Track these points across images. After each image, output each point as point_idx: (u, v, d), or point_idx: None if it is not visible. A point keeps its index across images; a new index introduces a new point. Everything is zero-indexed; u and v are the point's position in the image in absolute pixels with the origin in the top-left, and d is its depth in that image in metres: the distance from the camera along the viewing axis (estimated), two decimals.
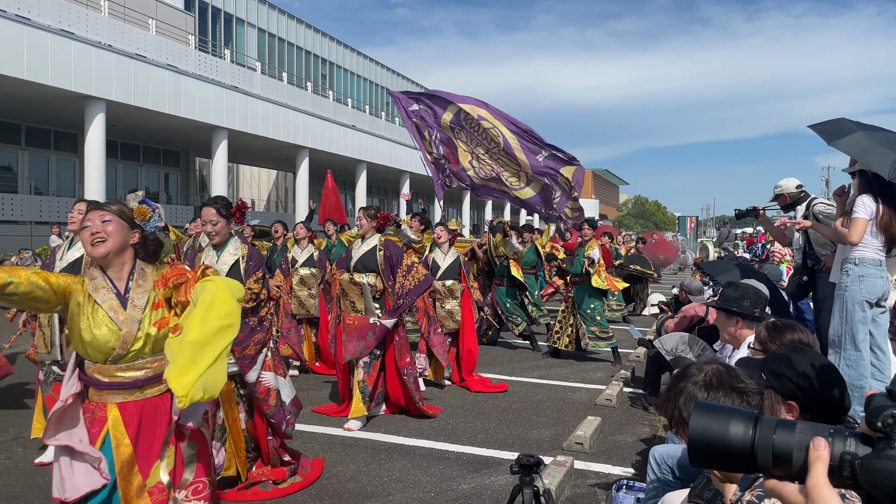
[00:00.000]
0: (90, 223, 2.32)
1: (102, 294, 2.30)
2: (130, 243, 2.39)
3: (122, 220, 2.36)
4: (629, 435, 5.12)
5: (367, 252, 5.40)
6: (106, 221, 2.32)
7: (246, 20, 31.79)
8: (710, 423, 0.94)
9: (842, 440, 0.89)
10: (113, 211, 2.35)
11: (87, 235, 2.31)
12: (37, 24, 15.93)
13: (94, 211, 2.35)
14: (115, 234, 2.32)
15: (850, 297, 4.18)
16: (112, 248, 2.32)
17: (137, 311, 2.31)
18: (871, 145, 4.03)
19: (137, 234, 2.41)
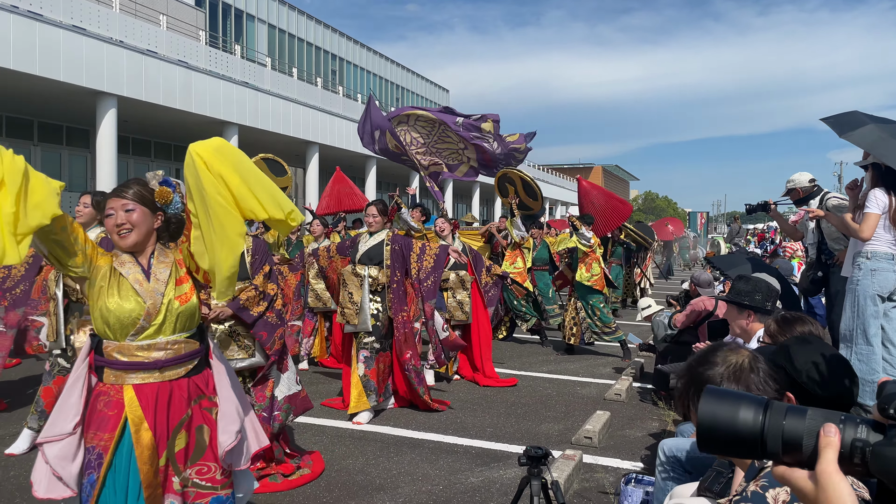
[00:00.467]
0: (113, 212, 2.28)
1: (128, 268, 2.30)
2: (154, 227, 2.36)
3: (145, 207, 2.32)
4: (638, 429, 5.11)
5: (375, 246, 5.43)
6: (129, 211, 2.28)
7: (256, 16, 31.87)
8: (720, 409, 0.93)
9: (853, 427, 0.88)
10: (134, 198, 2.30)
11: (112, 225, 2.28)
12: (49, 20, 16.01)
13: (115, 199, 2.30)
14: (141, 223, 2.30)
15: (862, 290, 4.15)
16: (139, 238, 2.30)
17: (161, 283, 2.31)
18: (884, 137, 3.99)
19: (160, 218, 2.38)
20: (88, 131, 22.04)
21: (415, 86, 45.76)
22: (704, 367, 1.64)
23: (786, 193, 5.57)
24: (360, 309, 5.30)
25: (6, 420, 5.13)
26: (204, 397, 2.38)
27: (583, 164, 70.86)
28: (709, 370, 1.62)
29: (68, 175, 22.63)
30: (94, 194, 4.60)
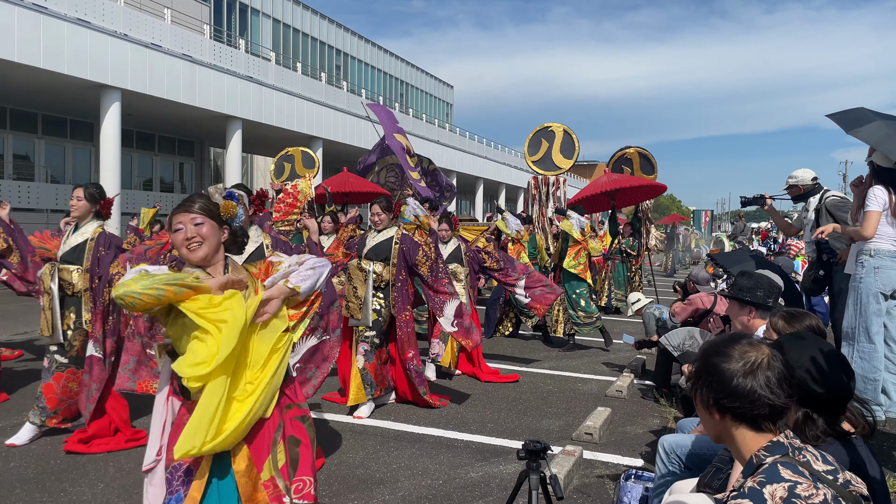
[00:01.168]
0: (182, 226, 2.24)
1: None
2: (221, 241, 2.33)
3: (213, 220, 2.28)
4: (639, 426, 5.10)
5: (382, 242, 5.44)
6: (199, 224, 2.24)
7: (261, 10, 31.83)
8: None
9: None
10: (202, 212, 2.27)
11: (181, 240, 2.23)
12: (53, 13, 16.02)
13: (182, 213, 2.26)
14: (210, 237, 2.26)
15: (865, 288, 4.13)
16: (209, 251, 2.26)
17: None
18: (891, 134, 3.98)
19: (227, 231, 2.35)
20: (92, 125, 22.08)
21: (419, 81, 45.69)
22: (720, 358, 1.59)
23: (786, 189, 5.54)
24: (363, 303, 5.33)
25: (7, 411, 5.14)
26: (293, 406, 2.33)
27: (587, 161, 70.65)
28: (724, 362, 1.57)
29: (72, 168, 22.68)
30: (87, 187, 4.55)
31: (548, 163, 10.99)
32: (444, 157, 35.48)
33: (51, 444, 4.37)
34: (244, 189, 4.11)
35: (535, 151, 11.08)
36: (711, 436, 1.66)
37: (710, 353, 1.60)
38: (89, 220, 4.53)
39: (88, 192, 4.51)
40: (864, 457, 1.97)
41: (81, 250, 4.44)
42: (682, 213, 55.00)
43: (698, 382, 1.60)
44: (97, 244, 4.42)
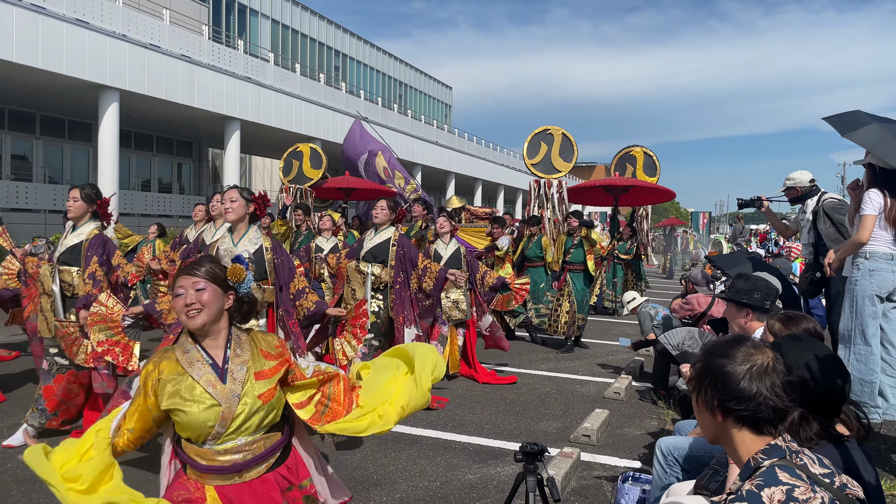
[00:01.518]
0: (183, 291, 2.14)
1: (198, 368, 2.14)
2: (225, 308, 2.22)
3: (216, 286, 2.19)
4: (637, 428, 5.10)
5: (380, 244, 5.44)
6: (200, 290, 2.15)
7: (260, 11, 31.83)
8: None
9: None
10: (206, 276, 2.17)
11: (181, 305, 2.14)
12: (52, 14, 16.00)
13: (185, 277, 2.17)
14: (211, 303, 2.15)
15: (861, 291, 4.14)
16: (208, 319, 2.16)
17: (238, 384, 2.14)
18: (886, 137, 3.98)
19: (232, 297, 2.25)
20: (90, 125, 22.04)
21: (418, 83, 45.70)
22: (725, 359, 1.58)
23: (784, 190, 5.54)
24: None
25: (4, 412, 5.13)
26: (293, 488, 2.27)
27: (586, 162, 70.68)
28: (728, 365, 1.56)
29: (70, 169, 22.65)
30: (84, 187, 4.55)
31: (547, 165, 11.01)
32: (443, 158, 35.48)
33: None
34: (246, 191, 4.11)
35: (534, 154, 11.09)
36: (709, 437, 1.65)
37: (714, 355, 1.59)
38: (86, 221, 4.53)
39: (85, 192, 4.51)
40: (858, 460, 1.97)
41: (78, 251, 4.44)
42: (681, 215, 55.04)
43: (702, 384, 1.59)
44: (89, 246, 4.43)
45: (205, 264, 2.22)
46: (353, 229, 9.87)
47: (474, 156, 40.10)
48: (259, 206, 4.07)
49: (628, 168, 11.96)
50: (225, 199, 4.03)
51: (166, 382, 2.12)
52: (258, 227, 4.15)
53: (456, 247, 6.81)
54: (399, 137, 31.58)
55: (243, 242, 3.99)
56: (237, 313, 2.29)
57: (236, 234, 4.02)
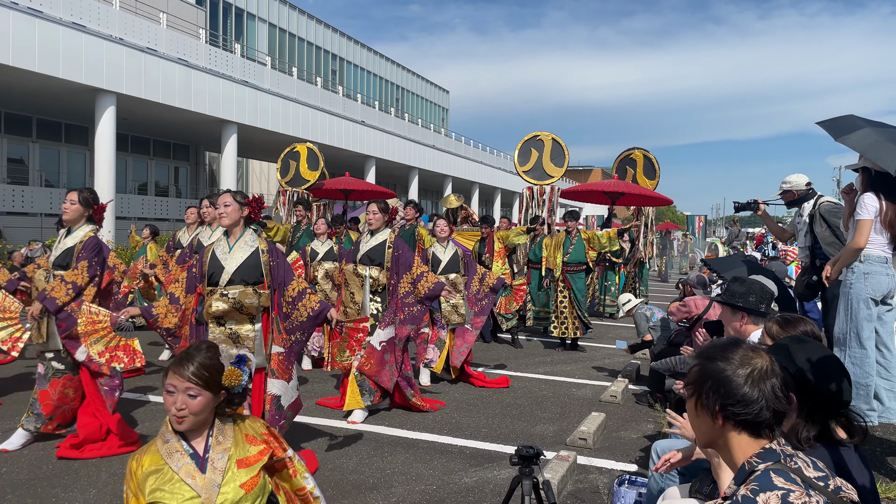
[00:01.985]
0: (174, 390, 2.11)
1: (177, 459, 2.11)
2: (214, 406, 2.19)
3: (210, 392, 2.13)
4: (633, 431, 5.10)
5: (376, 246, 5.45)
6: (192, 397, 2.10)
7: (257, 15, 31.86)
8: None
9: None
10: (199, 381, 2.10)
11: (170, 404, 2.11)
12: (48, 17, 15.99)
13: (177, 377, 2.11)
14: (201, 411, 2.12)
15: (855, 294, 4.15)
16: (194, 424, 2.13)
17: (217, 473, 2.11)
18: (879, 141, 4.00)
19: (223, 396, 2.20)
20: (87, 129, 22.04)
21: (415, 86, 45.75)
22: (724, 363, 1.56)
23: (780, 194, 5.55)
24: (361, 308, 5.34)
25: (0, 416, 5.11)
26: None
27: (582, 166, 70.81)
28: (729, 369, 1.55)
29: (66, 172, 22.62)
30: (81, 191, 4.56)
31: (539, 172, 11.02)
32: (440, 161, 35.50)
33: (43, 450, 4.35)
34: (240, 195, 4.11)
35: (525, 161, 11.09)
36: (703, 442, 1.65)
37: (713, 358, 1.58)
38: (82, 225, 4.55)
39: (82, 196, 4.53)
40: (853, 463, 1.98)
41: (72, 254, 4.45)
42: (677, 219, 55.05)
43: (702, 388, 1.58)
44: (83, 248, 4.44)
45: (196, 361, 2.13)
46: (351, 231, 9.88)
47: (471, 159, 40.14)
48: (253, 209, 4.08)
49: (629, 171, 12.01)
50: (219, 204, 4.01)
51: (147, 475, 2.08)
52: (254, 230, 4.16)
53: (454, 250, 6.82)
54: (396, 141, 31.61)
55: (239, 246, 4.00)
56: (223, 410, 2.23)
57: (232, 238, 4.03)
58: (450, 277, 6.62)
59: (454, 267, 6.71)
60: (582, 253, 8.50)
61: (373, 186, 12.41)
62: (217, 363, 2.17)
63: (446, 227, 6.84)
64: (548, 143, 10.98)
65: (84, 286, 4.37)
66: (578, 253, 8.52)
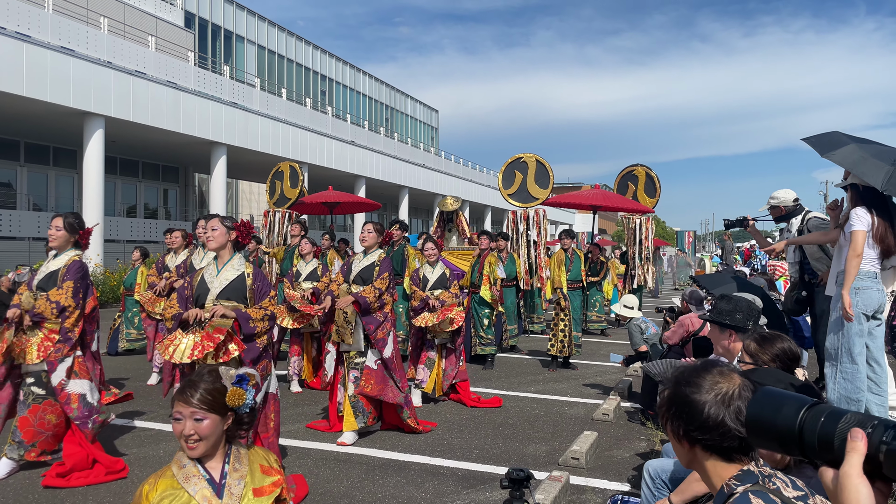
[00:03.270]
0: (181, 418, 2.11)
1: (194, 483, 2.11)
2: (224, 429, 2.19)
3: (216, 413, 2.14)
4: (626, 450, 5.07)
5: (368, 267, 5.46)
6: (199, 421, 2.11)
7: (246, 37, 32.00)
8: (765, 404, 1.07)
9: (881, 431, 0.94)
10: (204, 405, 2.12)
11: (179, 433, 2.12)
12: (36, 42, 16.01)
13: (183, 405, 2.12)
14: (211, 434, 2.13)
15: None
16: (209, 448, 2.14)
17: (234, 499, 2.12)
18: (864, 157, 4.04)
19: (231, 418, 2.20)
20: (75, 152, 21.98)
21: (404, 106, 45.97)
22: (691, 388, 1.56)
23: (768, 209, 5.59)
24: (354, 328, 5.30)
25: None
26: None
27: (571, 182, 71.13)
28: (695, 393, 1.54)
29: (54, 196, 22.51)
30: (66, 216, 4.56)
31: (524, 194, 10.99)
32: (430, 180, 35.59)
33: (28, 479, 4.28)
34: (228, 219, 4.10)
35: (509, 184, 11.08)
36: (683, 463, 1.64)
37: (681, 383, 1.57)
38: (68, 250, 4.57)
39: (67, 221, 4.53)
40: None
41: (55, 276, 4.46)
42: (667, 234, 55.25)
43: (669, 412, 1.57)
44: (67, 271, 4.45)
45: (200, 387, 2.15)
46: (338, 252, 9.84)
47: (461, 178, 40.27)
48: (241, 233, 4.15)
49: (630, 187, 12.14)
50: (207, 228, 4.11)
51: (161, 499, 2.08)
52: (241, 254, 4.22)
53: (442, 270, 6.80)
54: (386, 160, 31.69)
55: (227, 269, 4.09)
56: (234, 434, 2.25)
57: (220, 261, 4.12)
58: (435, 293, 6.58)
59: (441, 285, 6.69)
60: (578, 271, 8.54)
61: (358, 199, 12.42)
62: (220, 386, 2.18)
63: (434, 251, 6.81)
64: (532, 165, 10.97)
65: (67, 307, 4.35)
66: (576, 271, 8.57)
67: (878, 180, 3.93)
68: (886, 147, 4.26)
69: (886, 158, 4.04)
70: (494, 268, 8.60)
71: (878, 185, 3.94)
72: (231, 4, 31.33)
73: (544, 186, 10.91)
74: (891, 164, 3.98)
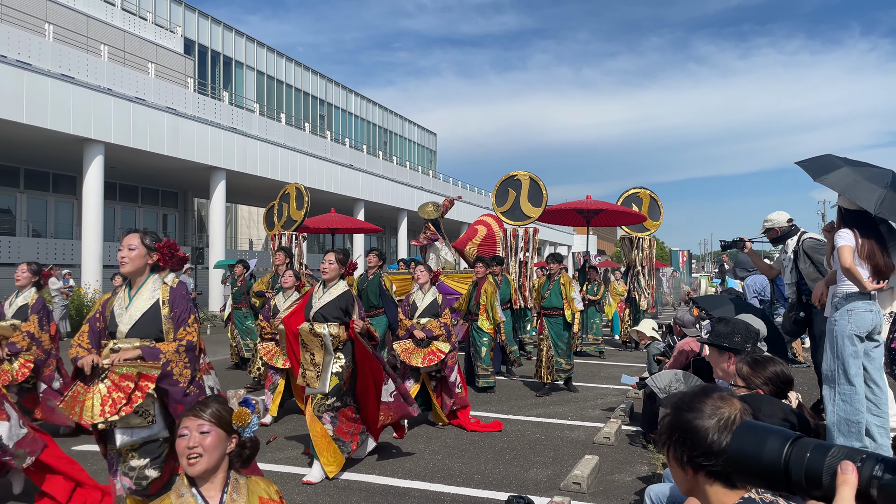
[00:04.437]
0: (187, 432, 2.10)
1: None
2: (227, 451, 2.17)
3: (221, 430, 2.14)
4: (627, 474, 5.04)
5: (332, 301, 5.02)
6: (204, 433, 2.11)
7: (245, 63, 32.27)
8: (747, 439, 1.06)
9: (871, 465, 0.93)
10: (211, 419, 2.13)
11: (183, 447, 2.10)
12: (37, 69, 16.15)
13: (191, 418, 2.14)
14: (213, 449, 2.11)
15: (840, 331, 4.16)
16: (209, 465, 2.11)
17: None
18: (857, 180, 4.07)
19: (234, 441, 2.20)
20: (75, 178, 22.06)
21: (403, 129, 46.24)
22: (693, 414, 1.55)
23: (763, 232, 5.62)
24: (322, 370, 4.92)
25: None
26: None
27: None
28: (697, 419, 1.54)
29: (54, 222, 22.55)
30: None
31: (517, 212, 10.94)
32: None
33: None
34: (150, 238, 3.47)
35: (503, 202, 11.09)
36: (682, 491, 1.63)
37: (682, 409, 1.57)
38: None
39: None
40: None
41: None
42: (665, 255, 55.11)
43: (671, 439, 1.57)
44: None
45: (210, 405, 2.17)
46: None
47: (460, 201, 40.36)
48: (163, 256, 3.49)
49: (633, 208, 12.17)
50: (122, 247, 3.39)
51: None
52: (158, 278, 3.49)
53: (434, 297, 6.62)
54: (384, 183, 31.81)
55: (138, 299, 3.37)
56: (238, 458, 2.22)
57: (133, 288, 3.40)
58: (421, 321, 6.49)
59: (430, 312, 6.55)
60: (558, 297, 8.14)
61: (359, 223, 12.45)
62: (228, 408, 2.21)
63: (423, 274, 6.65)
64: (525, 183, 10.94)
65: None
66: (554, 297, 8.18)
67: (871, 203, 3.95)
68: (880, 169, 4.29)
69: (880, 181, 4.07)
70: (495, 304, 8.44)
71: (871, 209, 3.97)
72: (230, 31, 31.65)
73: (537, 205, 10.87)
74: (884, 188, 4.01)
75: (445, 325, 6.48)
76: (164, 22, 27.48)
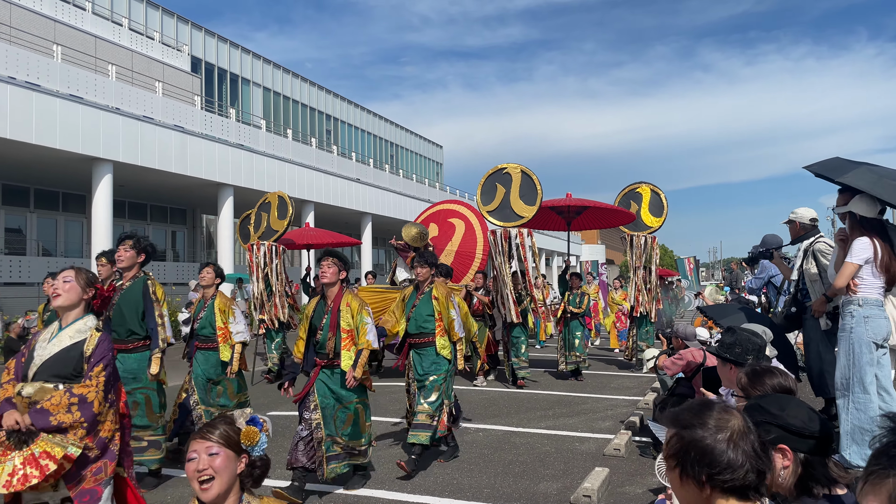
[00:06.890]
0: (196, 455, 2.07)
1: None
2: (237, 472, 2.14)
3: (230, 450, 2.11)
4: (638, 486, 4.99)
5: None
6: (213, 455, 2.08)
7: (251, 80, 32.52)
8: None
9: None
10: (220, 440, 2.10)
11: (192, 471, 2.06)
12: (45, 91, 16.31)
13: (199, 440, 2.11)
14: (224, 471, 2.08)
15: (857, 338, 4.12)
16: (222, 489, 2.07)
17: None
18: (879, 177, 4.06)
19: (244, 461, 2.16)
20: (84, 197, 22.20)
21: (409, 143, 46.39)
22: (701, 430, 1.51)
23: (786, 222, 5.64)
24: None
25: None
26: None
27: None
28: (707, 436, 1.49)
29: (64, 241, 22.70)
30: None
31: (506, 212, 9.27)
32: None
33: None
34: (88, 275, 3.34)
35: (489, 200, 9.31)
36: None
37: (688, 426, 1.54)
38: None
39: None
40: None
41: None
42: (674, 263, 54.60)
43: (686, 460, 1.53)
44: None
45: (218, 426, 2.15)
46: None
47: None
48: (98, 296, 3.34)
49: (632, 205, 10.93)
50: (57, 279, 3.22)
51: None
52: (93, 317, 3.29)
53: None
54: (391, 197, 31.87)
55: (63, 335, 3.16)
56: (248, 478, 2.19)
57: (63, 322, 3.21)
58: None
59: None
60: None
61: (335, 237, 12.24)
62: (236, 428, 2.19)
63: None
64: (516, 177, 9.24)
65: None
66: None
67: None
68: (891, 169, 4.27)
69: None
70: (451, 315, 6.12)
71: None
72: (237, 49, 31.92)
73: (531, 203, 9.17)
74: None
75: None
76: (171, 41, 27.75)
